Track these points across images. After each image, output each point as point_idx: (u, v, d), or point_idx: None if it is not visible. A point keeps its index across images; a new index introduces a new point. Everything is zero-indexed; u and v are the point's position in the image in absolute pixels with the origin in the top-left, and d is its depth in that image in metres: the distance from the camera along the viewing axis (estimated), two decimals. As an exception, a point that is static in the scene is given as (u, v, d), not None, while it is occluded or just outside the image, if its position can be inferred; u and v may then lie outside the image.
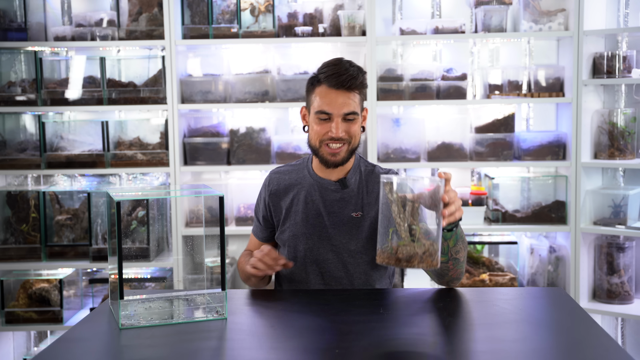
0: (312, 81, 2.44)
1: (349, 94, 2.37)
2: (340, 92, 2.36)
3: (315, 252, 2.48)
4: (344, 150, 2.41)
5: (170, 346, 1.83)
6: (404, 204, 1.93)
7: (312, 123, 2.43)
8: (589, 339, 1.85)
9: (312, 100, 2.43)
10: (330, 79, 2.36)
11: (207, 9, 4.03)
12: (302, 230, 2.49)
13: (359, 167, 2.54)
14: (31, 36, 4.06)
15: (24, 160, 4.05)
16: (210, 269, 3.87)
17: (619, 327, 4.14)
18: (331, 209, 2.48)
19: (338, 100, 2.36)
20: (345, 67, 2.38)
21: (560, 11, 4.01)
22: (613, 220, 3.98)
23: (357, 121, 2.41)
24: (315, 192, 2.50)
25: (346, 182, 2.49)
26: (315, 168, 2.54)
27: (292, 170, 2.60)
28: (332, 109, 2.37)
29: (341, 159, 2.42)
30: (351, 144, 2.42)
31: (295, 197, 2.53)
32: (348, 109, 2.37)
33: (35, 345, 4.33)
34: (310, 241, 2.48)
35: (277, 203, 2.56)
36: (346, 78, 2.35)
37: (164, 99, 4.00)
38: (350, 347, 1.80)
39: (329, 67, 2.40)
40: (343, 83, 2.35)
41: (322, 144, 2.40)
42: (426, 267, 1.90)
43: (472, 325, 1.96)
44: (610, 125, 4.01)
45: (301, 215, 2.50)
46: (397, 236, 1.93)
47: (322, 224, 2.48)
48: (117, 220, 1.92)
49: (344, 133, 2.38)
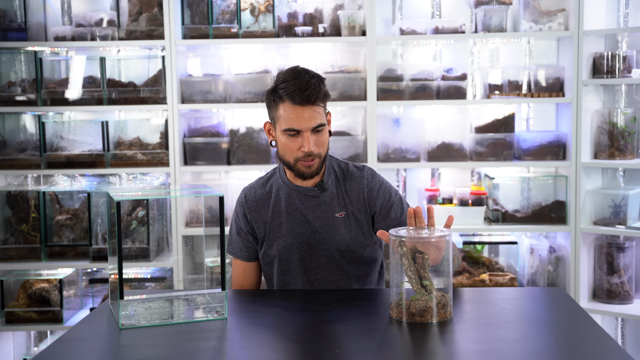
0: (274, 97, 2.37)
1: (314, 107, 2.33)
2: (305, 107, 2.31)
3: (307, 260, 2.47)
4: (317, 162, 2.39)
5: (170, 346, 1.83)
6: (414, 257, 1.95)
7: (280, 138, 2.38)
8: (589, 339, 1.85)
9: (276, 117, 2.38)
10: (293, 95, 2.30)
11: (207, 9, 4.02)
12: (291, 240, 2.46)
13: (332, 167, 2.52)
14: (31, 36, 4.05)
15: (24, 160, 4.05)
16: (210, 269, 3.87)
17: (619, 327, 4.13)
18: (315, 213, 2.46)
19: (304, 115, 2.32)
20: (305, 79, 2.32)
21: (560, 11, 4.01)
22: (613, 220, 3.98)
23: (325, 131, 2.38)
24: (296, 200, 2.48)
25: (324, 185, 2.47)
26: (290, 177, 2.50)
27: (263, 184, 2.56)
28: (300, 125, 2.33)
29: (316, 169, 2.39)
30: (322, 153, 2.40)
31: (275, 210, 2.50)
32: (315, 122, 2.33)
33: (35, 346, 4.32)
34: (302, 250, 2.47)
35: (258, 219, 2.51)
36: (310, 93, 2.30)
37: (164, 99, 4.00)
38: (350, 347, 1.80)
39: (287, 82, 2.32)
40: (308, 99, 2.30)
41: (298, 160, 2.37)
42: (440, 320, 1.94)
43: (472, 325, 1.96)
44: (610, 125, 4.00)
45: (286, 226, 2.47)
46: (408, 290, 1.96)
47: (309, 230, 2.46)
48: (117, 220, 1.92)
49: (315, 147, 2.35)
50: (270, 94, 2.39)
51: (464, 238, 4.23)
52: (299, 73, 2.34)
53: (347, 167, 2.54)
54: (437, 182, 4.32)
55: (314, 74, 2.37)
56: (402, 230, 2.00)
